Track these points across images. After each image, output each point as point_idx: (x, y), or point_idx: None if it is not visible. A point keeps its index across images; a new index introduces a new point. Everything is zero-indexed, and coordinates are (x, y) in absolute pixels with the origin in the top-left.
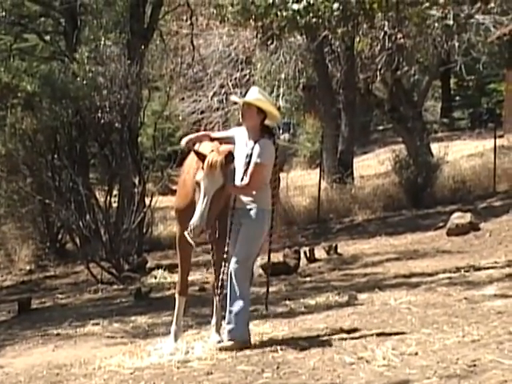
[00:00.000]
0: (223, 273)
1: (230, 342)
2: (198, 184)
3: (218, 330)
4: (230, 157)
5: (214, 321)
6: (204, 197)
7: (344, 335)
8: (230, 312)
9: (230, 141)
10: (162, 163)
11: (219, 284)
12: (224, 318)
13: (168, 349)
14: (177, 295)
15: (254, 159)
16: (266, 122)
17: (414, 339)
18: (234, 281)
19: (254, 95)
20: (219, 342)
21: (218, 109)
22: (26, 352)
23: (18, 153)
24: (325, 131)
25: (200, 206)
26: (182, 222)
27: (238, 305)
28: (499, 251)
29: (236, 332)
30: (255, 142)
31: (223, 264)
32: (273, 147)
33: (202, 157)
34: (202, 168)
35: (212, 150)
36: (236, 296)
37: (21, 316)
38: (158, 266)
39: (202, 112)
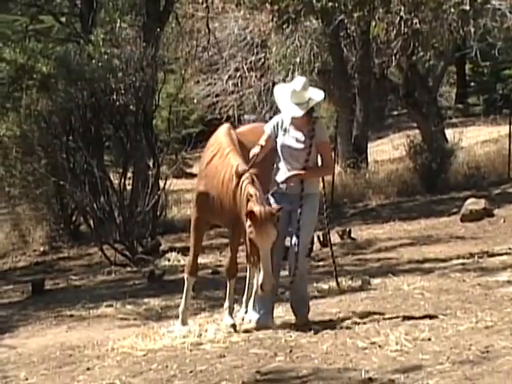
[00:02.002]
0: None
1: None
2: (251, 241)
3: (230, 313)
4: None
5: (226, 304)
6: (263, 253)
7: (357, 320)
8: (300, 291)
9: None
10: (177, 146)
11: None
12: (236, 301)
13: (180, 331)
14: (186, 275)
15: (322, 139)
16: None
17: (427, 325)
18: (299, 264)
19: (304, 105)
20: (233, 325)
21: (232, 92)
22: (39, 333)
23: (33, 134)
24: (339, 116)
25: (263, 263)
26: (202, 204)
27: (304, 285)
28: None
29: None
30: (313, 123)
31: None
32: None
33: (250, 214)
34: (252, 227)
35: (251, 196)
36: (303, 277)
37: (34, 297)
38: (172, 249)
39: (217, 95)
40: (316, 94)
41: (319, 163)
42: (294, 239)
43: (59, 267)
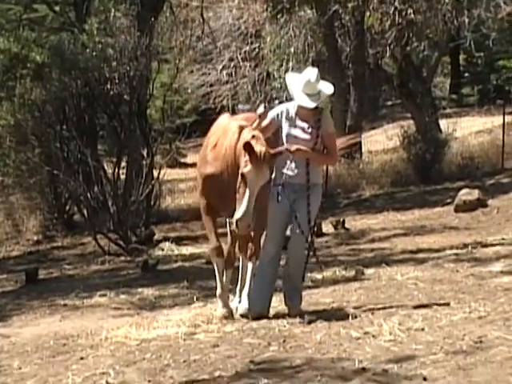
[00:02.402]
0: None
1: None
2: (243, 177)
3: (225, 303)
4: (277, 153)
5: (219, 292)
6: (250, 190)
7: (350, 310)
8: (295, 281)
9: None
10: (171, 136)
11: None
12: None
13: (222, 313)
14: (214, 259)
15: (328, 130)
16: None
17: (421, 315)
18: (299, 253)
19: (315, 96)
20: (228, 314)
21: (227, 82)
22: (32, 322)
23: (27, 123)
24: (333, 106)
25: (245, 200)
26: (208, 188)
27: (299, 275)
28: (507, 228)
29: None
30: (319, 114)
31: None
32: None
33: (250, 149)
34: (249, 161)
35: (253, 137)
36: (301, 267)
37: (28, 286)
38: (166, 239)
39: (211, 85)
40: (326, 87)
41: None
42: (302, 226)
43: (53, 256)
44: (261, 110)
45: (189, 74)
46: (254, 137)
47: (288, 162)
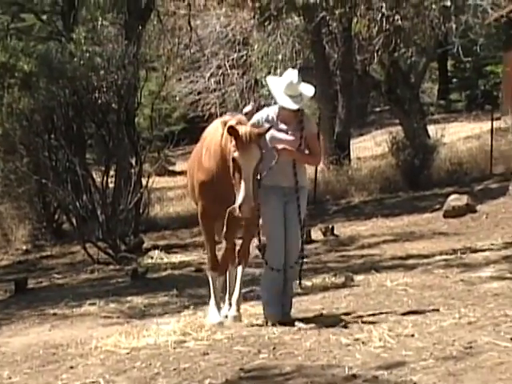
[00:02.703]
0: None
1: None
2: (235, 161)
3: (218, 310)
4: (263, 132)
5: (213, 301)
6: (245, 173)
7: (340, 316)
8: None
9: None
10: (159, 144)
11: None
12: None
13: (214, 321)
14: (209, 272)
15: (311, 131)
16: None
17: (411, 321)
18: (293, 258)
19: (297, 98)
20: (220, 323)
21: (215, 90)
22: (22, 331)
23: (15, 132)
24: (321, 113)
25: (243, 184)
26: (205, 196)
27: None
28: (496, 233)
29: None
30: (301, 116)
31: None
32: None
33: (234, 132)
34: (236, 145)
35: (237, 122)
36: (296, 272)
37: (17, 296)
38: (155, 247)
39: (199, 93)
40: (307, 89)
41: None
42: (294, 232)
43: (42, 266)
44: (248, 108)
45: (177, 82)
46: (238, 122)
47: (273, 164)
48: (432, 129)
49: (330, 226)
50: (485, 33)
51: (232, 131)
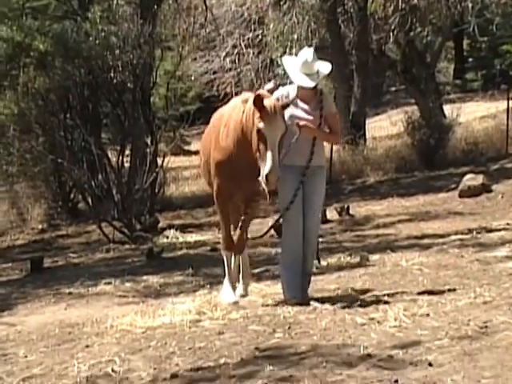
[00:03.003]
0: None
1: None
2: (260, 132)
3: (233, 290)
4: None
5: (228, 281)
6: (271, 143)
7: (356, 296)
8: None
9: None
10: (175, 123)
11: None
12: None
13: (229, 300)
14: (223, 251)
15: (331, 110)
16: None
17: (426, 300)
18: (314, 236)
19: (314, 75)
20: (235, 302)
21: (230, 69)
22: (38, 310)
23: (31, 112)
24: (337, 92)
25: (269, 154)
26: (222, 175)
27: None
28: (511, 213)
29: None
30: (320, 95)
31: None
32: None
33: (260, 103)
34: (261, 116)
35: (260, 96)
36: (314, 252)
37: (33, 275)
38: (170, 226)
39: (215, 72)
40: (324, 66)
41: None
42: (312, 213)
43: (58, 245)
44: (270, 85)
45: (192, 62)
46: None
47: (293, 142)
48: (448, 108)
49: (346, 206)
50: (501, 12)
51: (257, 102)
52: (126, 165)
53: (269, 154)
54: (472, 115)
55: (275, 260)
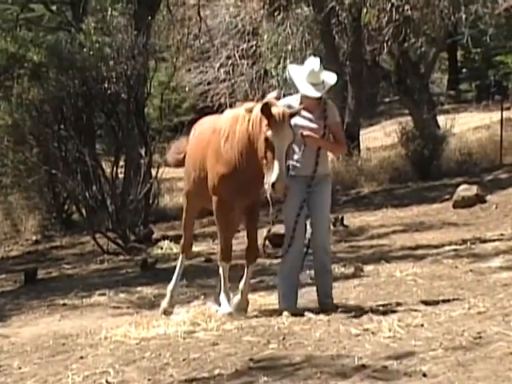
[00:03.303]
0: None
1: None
2: (267, 141)
3: (228, 301)
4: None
5: (223, 291)
6: (278, 152)
7: (350, 307)
8: (325, 276)
9: None
10: (169, 134)
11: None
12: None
13: (225, 311)
14: (221, 262)
15: (334, 120)
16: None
17: (420, 311)
18: (327, 245)
19: (320, 86)
20: (230, 313)
21: (224, 80)
22: (32, 322)
23: (25, 123)
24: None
25: (276, 163)
26: (226, 187)
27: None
28: (505, 223)
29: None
30: (325, 104)
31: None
32: None
33: (268, 111)
34: (269, 124)
35: (268, 104)
36: (330, 260)
37: (27, 286)
38: (164, 237)
39: (209, 83)
40: (329, 77)
41: None
42: (320, 223)
43: (52, 256)
44: (273, 94)
45: (186, 73)
46: (266, 104)
47: (298, 151)
48: (442, 119)
49: (340, 217)
50: (494, 23)
51: (266, 110)
52: (120, 176)
53: (276, 163)
54: (466, 126)
55: (270, 271)
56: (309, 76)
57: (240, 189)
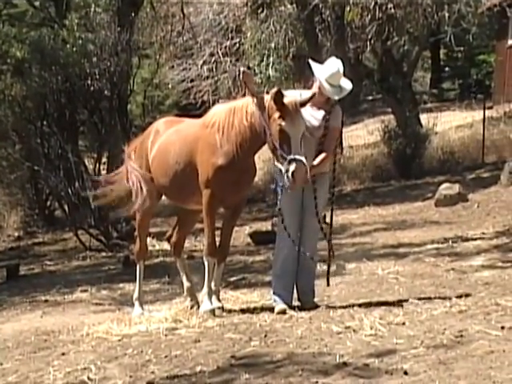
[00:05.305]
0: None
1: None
2: (282, 132)
3: (210, 298)
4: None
5: (205, 289)
6: (294, 140)
7: (332, 304)
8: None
9: None
10: None
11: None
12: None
13: (206, 308)
14: (207, 257)
15: (334, 125)
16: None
17: (402, 309)
18: (314, 250)
19: (337, 88)
20: (212, 310)
21: (207, 77)
22: (14, 318)
23: (7, 119)
24: None
25: (294, 151)
26: (220, 180)
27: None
28: (487, 222)
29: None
30: (331, 106)
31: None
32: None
33: (280, 101)
34: (282, 115)
35: (280, 93)
36: (315, 260)
37: (9, 282)
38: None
39: (192, 80)
40: (345, 83)
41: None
42: (309, 221)
43: (34, 252)
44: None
45: (169, 70)
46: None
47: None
48: (424, 118)
49: (322, 214)
50: (477, 22)
51: (278, 99)
52: (103, 172)
53: (293, 151)
54: (448, 124)
55: (251, 268)
56: (331, 76)
57: (235, 181)
